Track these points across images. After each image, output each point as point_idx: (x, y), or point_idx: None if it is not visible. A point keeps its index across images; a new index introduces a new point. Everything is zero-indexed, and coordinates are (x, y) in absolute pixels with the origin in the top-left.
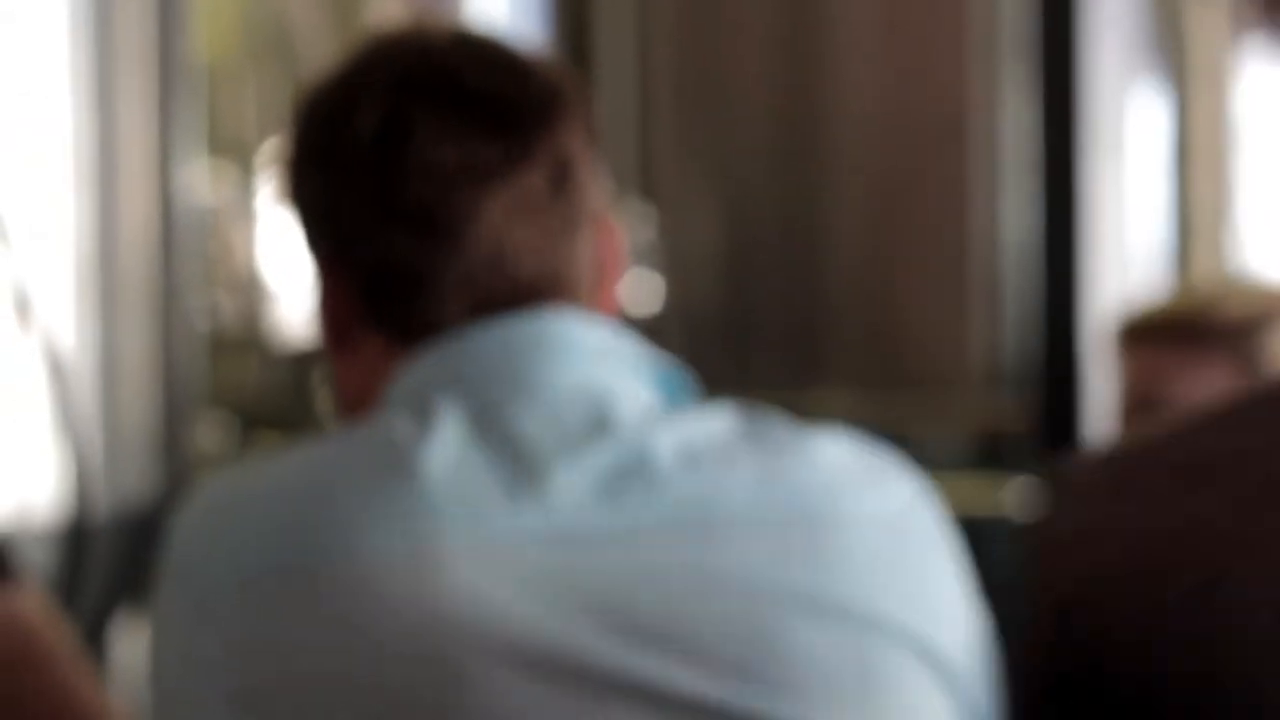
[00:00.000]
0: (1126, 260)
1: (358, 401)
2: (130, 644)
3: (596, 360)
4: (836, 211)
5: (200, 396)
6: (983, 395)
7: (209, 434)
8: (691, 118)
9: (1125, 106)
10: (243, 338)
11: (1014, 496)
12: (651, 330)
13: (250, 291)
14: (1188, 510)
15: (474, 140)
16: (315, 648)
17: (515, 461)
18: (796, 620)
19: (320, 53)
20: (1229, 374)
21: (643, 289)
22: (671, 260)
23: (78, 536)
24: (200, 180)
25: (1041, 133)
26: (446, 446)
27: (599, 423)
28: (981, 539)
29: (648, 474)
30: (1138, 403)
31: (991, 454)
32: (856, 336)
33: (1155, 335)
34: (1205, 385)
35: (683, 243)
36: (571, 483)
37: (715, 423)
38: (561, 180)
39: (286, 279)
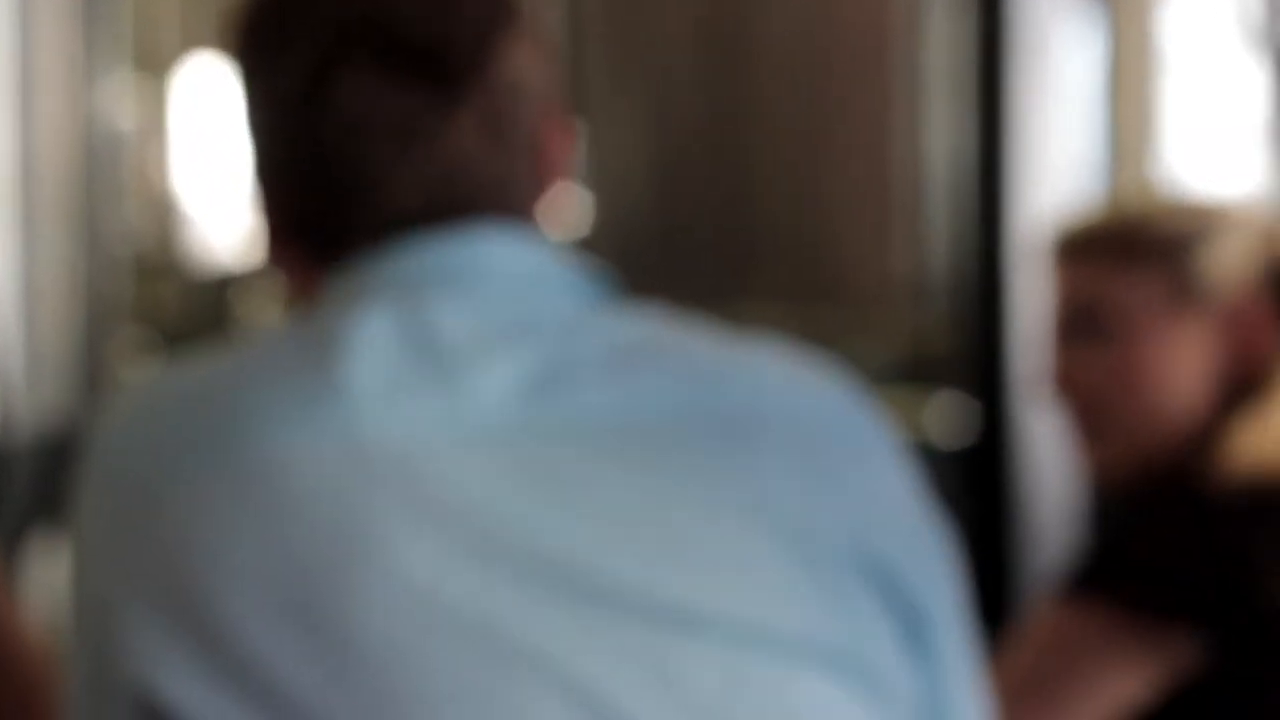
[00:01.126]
0: (1054, 179)
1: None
2: (46, 562)
3: (526, 268)
4: (764, 128)
5: (119, 317)
6: (909, 311)
7: (128, 354)
8: (621, 35)
9: (1053, 24)
10: (161, 259)
11: (938, 412)
12: (581, 246)
13: (169, 212)
14: None
15: (402, 91)
16: (238, 542)
17: (439, 360)
18: (719, 519)
19: None
20: (1164, 289)
21: (572, 205)
22: (601, 177)
23: None
24: (121, 97)
25: (970, 48)
26: (370, 344)
27: (526, 324)
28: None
29: (571, 375)
30: (1072, 317)
31: (917, 369)
32: (784, 252)
33: (1091, 249)
34: (1140, 300)
35: (612, 159)
36: (495, 381)
37: (642, 326)
38: (498, 117)
39: (205, 200)
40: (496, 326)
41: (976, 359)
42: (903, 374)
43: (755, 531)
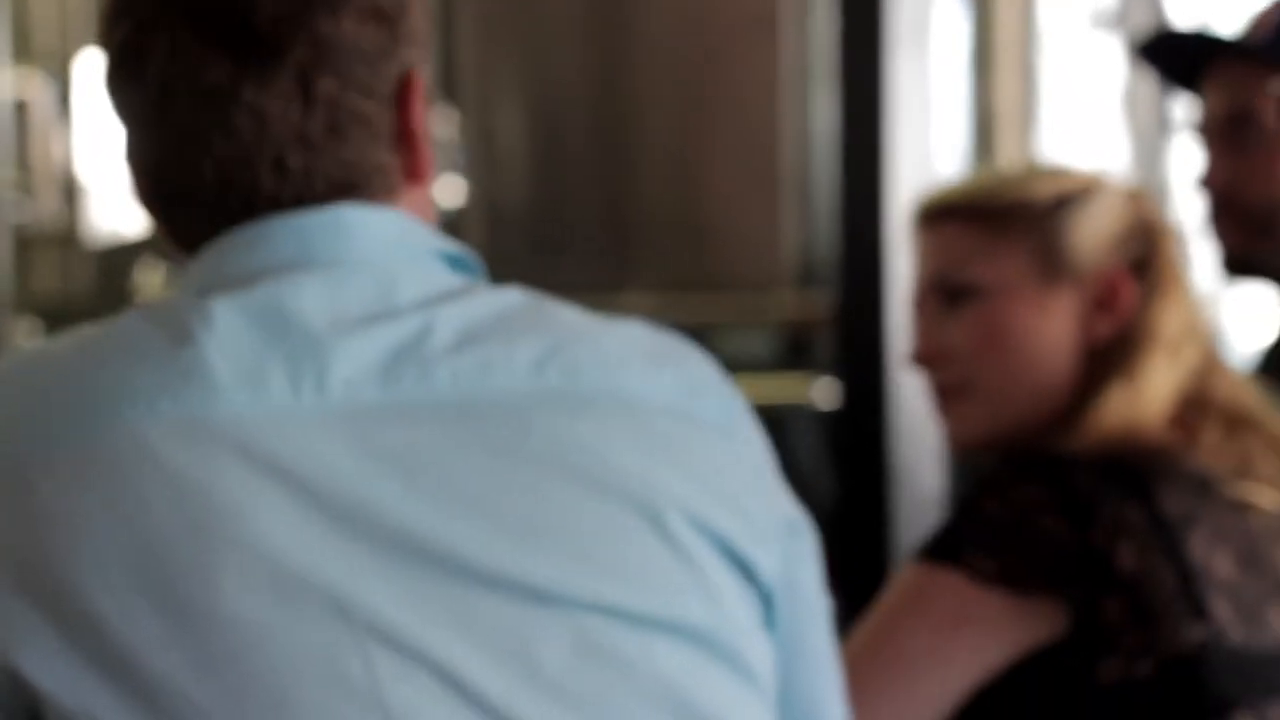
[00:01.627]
0: (930, 157)
1: None
2: None
3: (385, 246)
4: (647, 114)
5: (10, 293)
6: (794, 294)
7: (20, 331)
8: (498, 15)
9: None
10: (55, 235)
11: (822, 393)
12: (456, 233)
13: (64, 189)
14: None
15: (217, 59)
16: (96, 522)
17: (294, 341)
18: (571, 496)
19: None
20: (1029, 257)
21: (446, 191)
22: (477, 162)
23: None
24: (11, 77)
25: (841, 28)
26: (227, 325)
27: (382, 304)
28: (787, 430)
29: (425, 352)
30: (935, 285)
31: (801, 352)
32: (667, 238)
33: (954, 214)
34: (1005, 267)
35: (489, 144)
36: (350, 362)
37: (502, 303)
38: (314, 85)
39: (101, 177)
40: (352, 309)
41: (857, 340)
42: (787, 358)
43: (605, 508)
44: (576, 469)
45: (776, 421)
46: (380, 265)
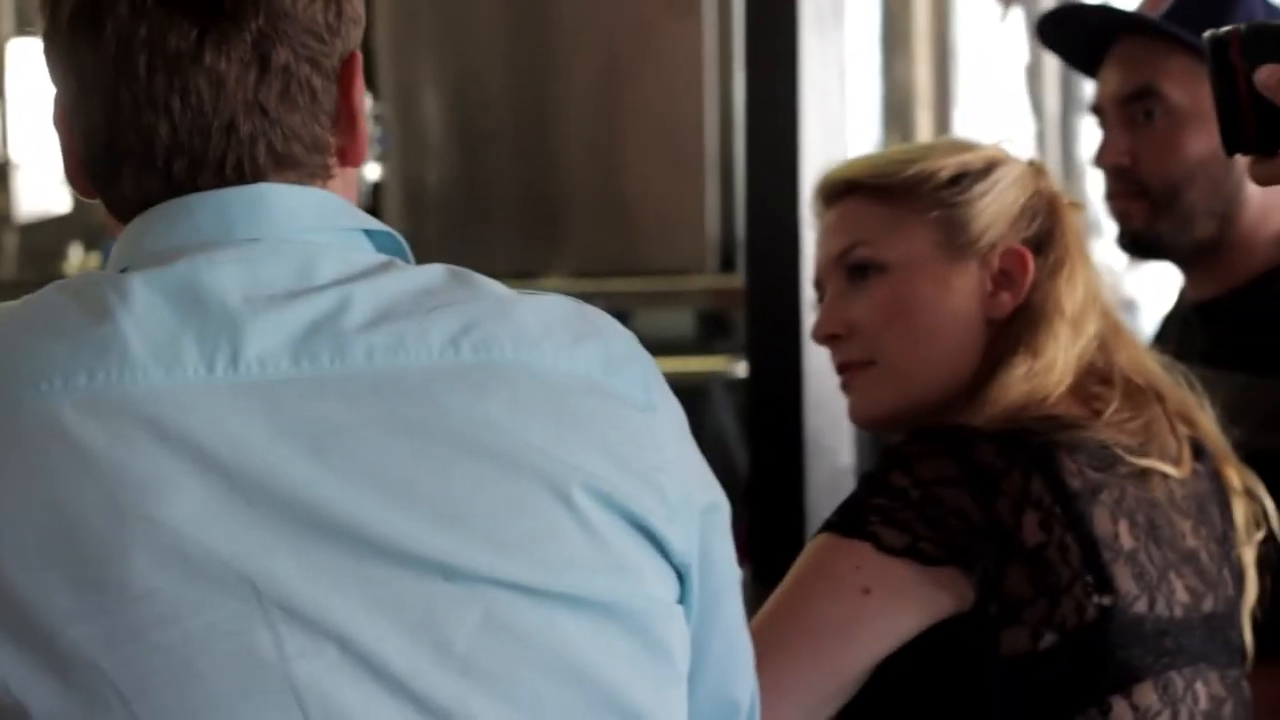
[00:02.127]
0: (842, 135)
1: None
2: None
3: (305, 223)
4: (567, 96)
5: None
6: (717, 276)
7: None
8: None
9: None
10: None
11: (744, 371)
12: (378, 217)
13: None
14: None
15: (173, 23)
16: (12, 498)
17: (209, 318)
18: (480, 473)
19: None
20: (931, 232)
21: (367, 178)
22: (395, 146)
23: None
24: None
25: (749, 8)
26: (144, 303)
27: (300, 281)
28: (709, 407)
29: (340, 328)
30: (838, 261)
31: (725, 333)
32: (588, 222)
33: (856, 190)
34: (908, 243)
35: (407, 129)
36: (264, 338)
37: (422, 279)
38: (275, 58)
39: (29, 156)
40: (269, 285)
41: (768, 317)
42: (709, 339)
43: (513, 484)
44: (486, 446)
45: (698, 398)
46: (299, 243)
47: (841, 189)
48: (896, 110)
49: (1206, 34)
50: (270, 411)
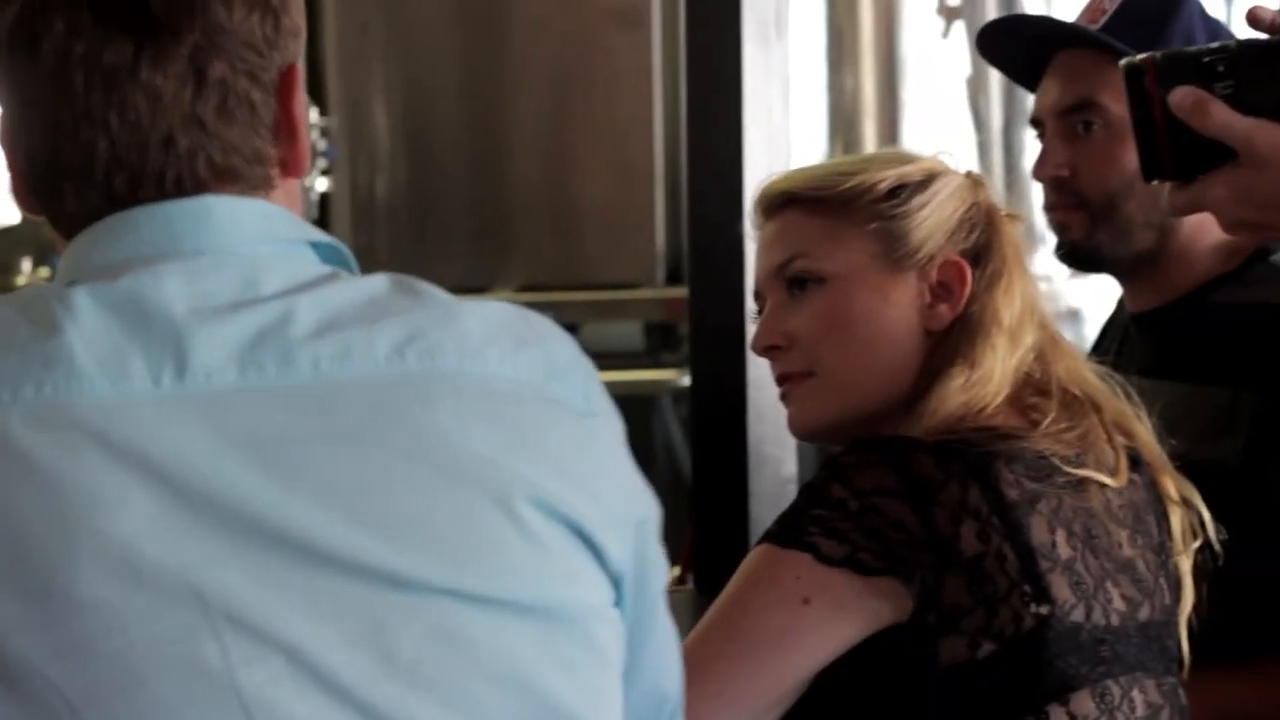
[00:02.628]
0: (785, 147)
1: None
2: None
3: (251, 235)
4: (517, 109)
5: None
6: (665, 289)
7: None
8: (366, 10)
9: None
10: None
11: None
12: (327, 229)
13: None
14: None
15: (111, 39)
16: None
17: (155, 330)
18: (424, 482)
19: None
20: (870, 244)
21: (315, 190)
22: (344, 159)
23: None
24: None
25: (689, 21)
26: (90, 315)
27: (245, 292)
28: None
29: (285, 339)
30: (777, 273)
31: (673, 346)
32: (538, 234)
33: (795, 203)
34: (847, 254)
35: (356, 142)
36: (209, 349)
37: (367, 289)
38: (207, 68)
39: None
40: (214, 297)
41: (711, 327)
42: (657, 352)
43: (457, 493)
44: (430, 455)
45: (647, 409)
46: (245, 255)
47: (780, 201)
48: (843, 121)
49: (1122, 61)
50: (217, 423)
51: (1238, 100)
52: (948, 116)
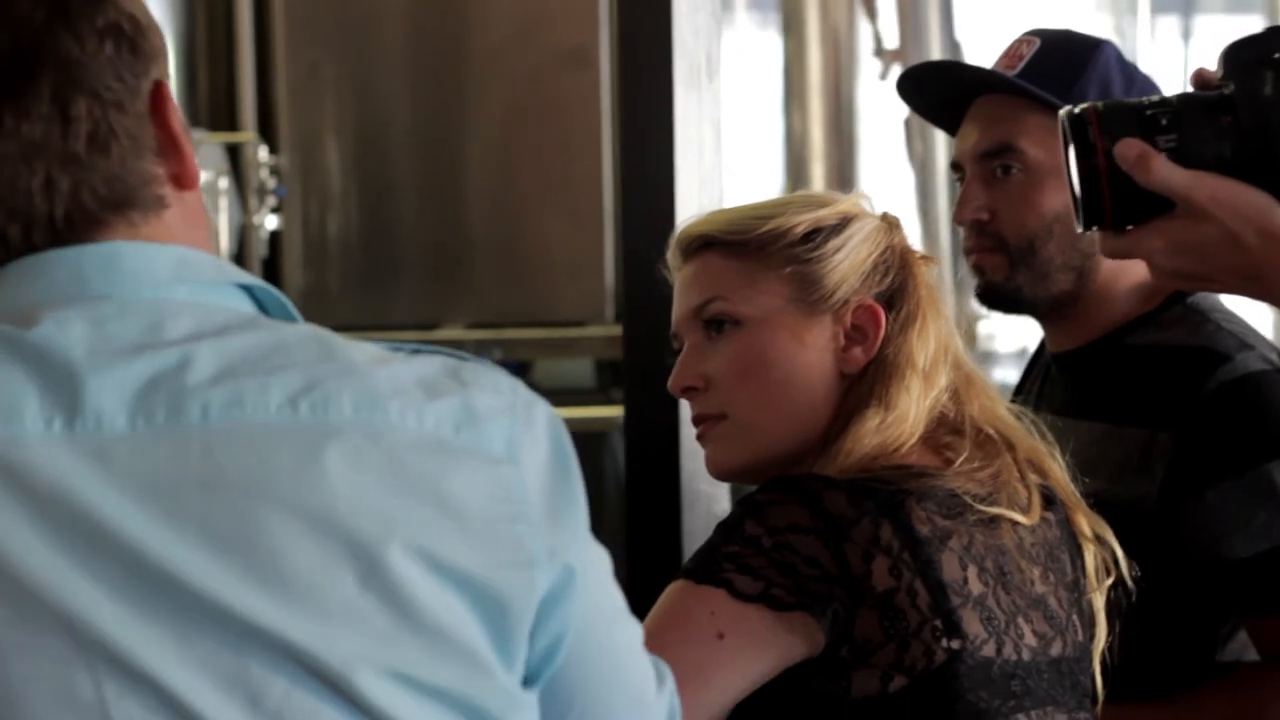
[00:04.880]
0: (719, 190)
1: None
2: None
3: (160, 279)
4: (469, 148)
5: None
6: (614, 327)
7: None
8: (317, 50)
9: (714, 34)
10: None
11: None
12: (276, 269)
13: None
14: None
15: None
16: None
17: (52, 373)
18: (292, 533)
19: None
20: (785, 287)
21: (265, 229)
22: (296, 199)
23: None
24: None
25: (620, 67)
26: None
27: (148, 337)
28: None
29: (179, 385)
30: (695, 315)
31: (620, 384)
32: (490, 273)
33: (712, 245)
34: (762, 298)
35: (308, 181)
36: (104, 394)
37: (277, 337)
38: (70, 106)
39: None
40: (116, 341)
41: (644, 369)
42: (607, 389)
43: (323, 547)
44: (304, 506)
45: (598, 446)
46: (153, 299)
47: (698, 244)
48: (793, 163)
49: (1062, 112)
50: (104, 466)
51: (1180, 154)
52: (894, 158)
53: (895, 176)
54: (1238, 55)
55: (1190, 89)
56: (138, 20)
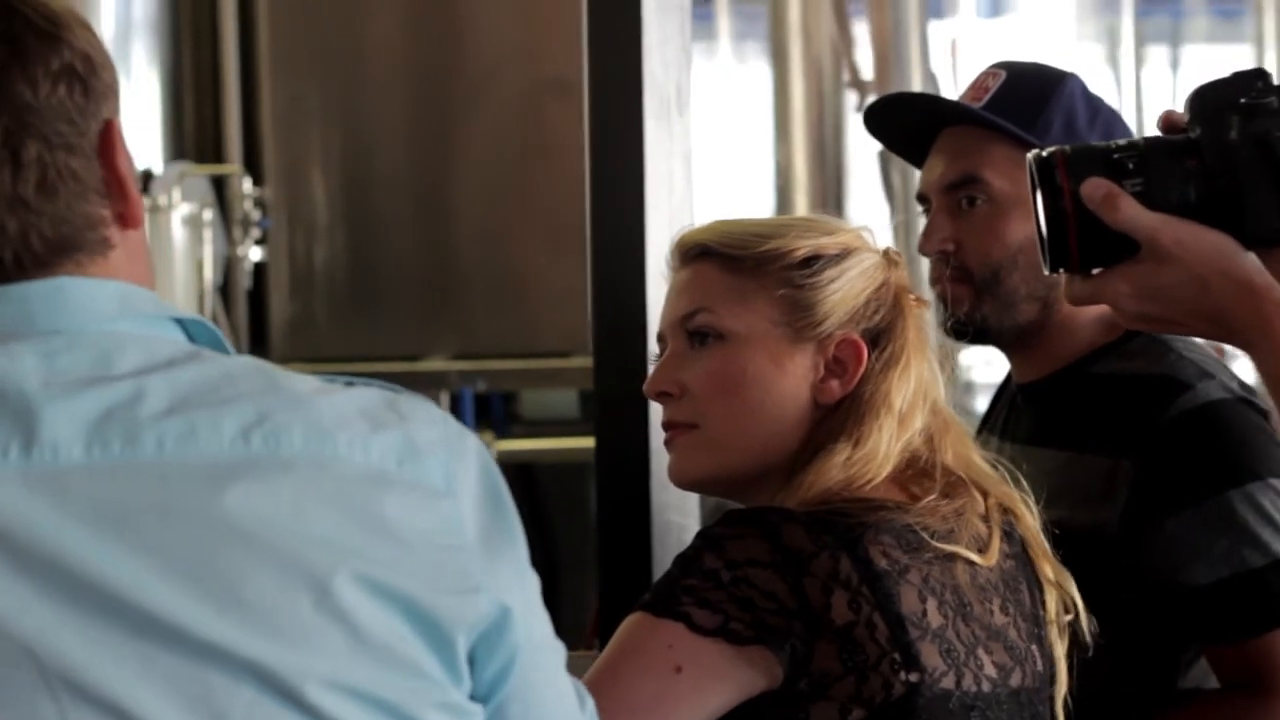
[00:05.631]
0: (690, 222)
1: None
2: None
3: (106, 314)
4: (457, 178)
5: None
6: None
7: None
8: (304, 82)
9: (681, 65)
10: None
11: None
12: (261, 299)
13: None
14: None
15: None
16: None
17: (6, 405)
18: (247, 561)
19: None
20: (775, 310)
21: (249, 260)
22: (283, 229)
23: None
24: None
25: (590, 100)
26: None
27: (98, 370)
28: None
29: (133, 417)
30: (681, 322)
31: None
32: (476, 303)
33: (709, 256)
34: (750, 316)
35: (295, 212)
36: (58, 425)
37: (223, 370)
38: (21, 150)
39: None
40: (67, 375)
41: (622, 401)
42: (590, 419)
43: (275, 574)
44: (256, 537)
45: (584, 476)
46: (100, 333)
47: (696, 251)
48: (778, 193)
49: (1030, 155)
50: (60, 495)
51: (1146, 197)
52: (874, 188)
53: (879, 206)
54: (1204, 99)
55: (1158, 132)
56: (91, 59)
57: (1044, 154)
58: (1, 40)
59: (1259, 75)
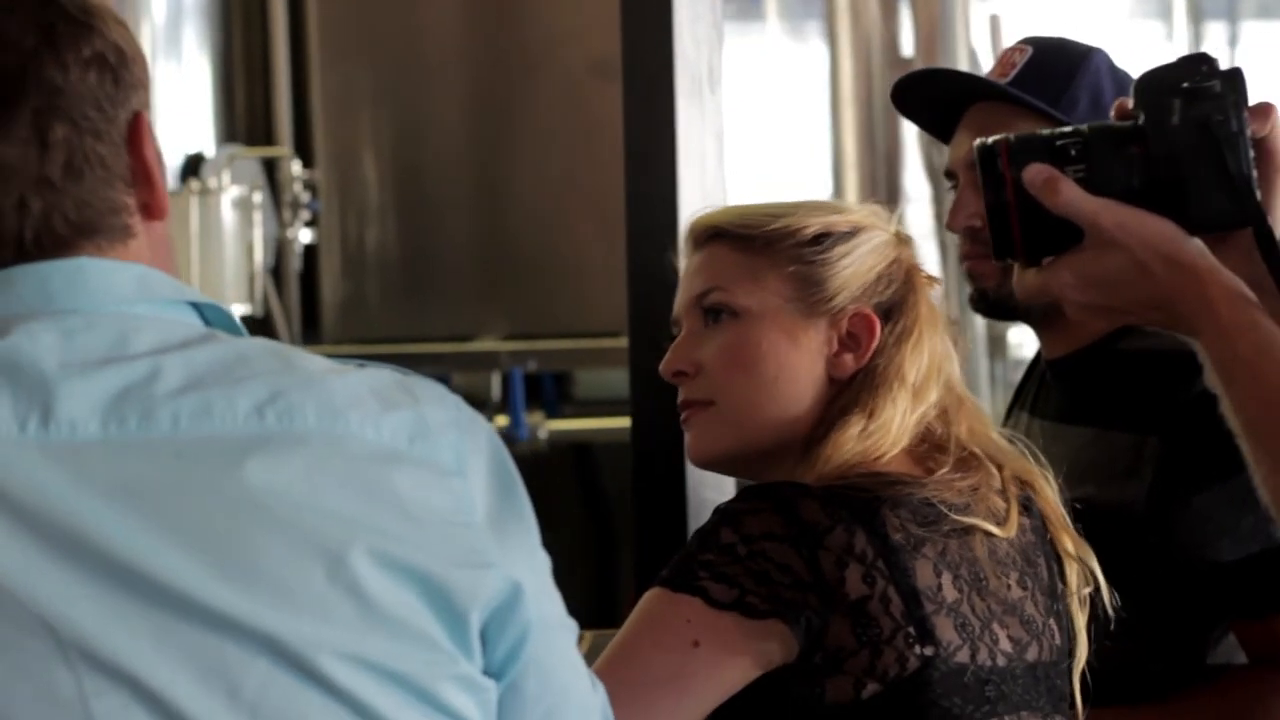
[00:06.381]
0: (723, 199)
1: None
2: None
3: (124, 295)
4: (508, 160)
5: None
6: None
7: None
8: (356, 66)
9: (716, 45)
10: None
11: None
12: (313, 281)
13: None
14: None
15: None
16: None
17: (24, 381)
18: (262, 535)
19: None
20: (788, 287)
21: (299, 243)
22: (337, 211)
23: None
24: None
25: (625, 78)
26: None
27: (116, 349)
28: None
29: (150, 394)
30: (697, 302)
31: None
32: (527, 284)
33: (723, 236)
34: (764, 294)
35: (349, 193)
36: (76, 401)
37: (236, 350)
38: (49, 131)
39: None
40: (85, 353)
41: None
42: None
43: (291, 547)
44: (271, 510)
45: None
46: (117, 314)
47: (708, 234)
48: (836, 171)
49: (975, 142)
50: (77, 468)
51: (1089, 184)
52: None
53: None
54: (1148, 84)
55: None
56: (123, 51)
57: (988, 143)
58: (35, 27)
59: (1203, 60)
